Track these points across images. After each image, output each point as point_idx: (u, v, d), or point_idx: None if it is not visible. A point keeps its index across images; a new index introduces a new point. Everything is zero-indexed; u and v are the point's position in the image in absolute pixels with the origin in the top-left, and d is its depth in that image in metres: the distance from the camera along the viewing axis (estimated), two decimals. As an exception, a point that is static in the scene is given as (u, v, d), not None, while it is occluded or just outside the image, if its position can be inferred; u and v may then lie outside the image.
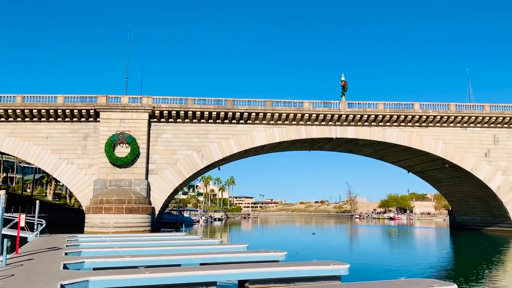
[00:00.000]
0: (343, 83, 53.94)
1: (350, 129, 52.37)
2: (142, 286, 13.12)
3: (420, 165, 61.12)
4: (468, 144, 53.50)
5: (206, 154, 49.39)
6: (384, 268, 20.81)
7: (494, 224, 56.51)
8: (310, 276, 14.66)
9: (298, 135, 51.61)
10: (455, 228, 65.48)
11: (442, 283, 11.83)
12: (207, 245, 23.70)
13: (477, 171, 52.90)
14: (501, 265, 24.33)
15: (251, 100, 50.65)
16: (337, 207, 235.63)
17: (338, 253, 28.17)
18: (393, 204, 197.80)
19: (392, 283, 11.71)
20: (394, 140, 52.83)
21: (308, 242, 41.60)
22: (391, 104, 52.55)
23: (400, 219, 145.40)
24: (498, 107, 54.14)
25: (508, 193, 53.15)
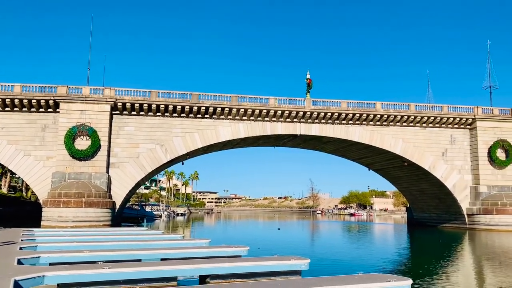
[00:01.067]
0: (308, 81, 54.58)
1: (314, 126, 53.07)
2: (101, 281, 12.84)
3: (380, 163, 62.78)
4: (426, 143, 55.36)
5: (169, 148, 48.82)
6: (343, 263, 21.28)
7: (449, 221, 58.85)
8: (271, 271, 14.79)
9: (263, 131, 51.84)
10: (412, 224, 67.72)
11: (398, 278, 12.20)
12: (169, 240, 23.46)
13: (434, 170, 54.84)
14: (453, 260, 25.37)
15: (217, 95, 50.42)
16: (300, 203, 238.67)
17: (300, 248, 28.56)
18: (354, 200, 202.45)
19: (350, 278, 11.98)
20: (356, 138, 53.98)
21: (271, 238, 41.94)
22: (354, 103, 53.62)
23: (360, 215, 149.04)
24: (455, 108, 56.27)
25: (463, 191, 55.44)
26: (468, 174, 55.85)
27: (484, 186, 54.23)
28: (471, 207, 54.75)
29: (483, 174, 54.58)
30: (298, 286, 10.73)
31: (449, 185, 55.14)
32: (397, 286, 11.41)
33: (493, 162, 54.46)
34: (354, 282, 11.23)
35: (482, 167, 54.66)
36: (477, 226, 53.20)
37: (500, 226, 51.27)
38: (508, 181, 54.73)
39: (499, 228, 51.00)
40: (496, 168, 54.76)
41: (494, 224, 51.77)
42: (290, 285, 10.84)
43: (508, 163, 54.67)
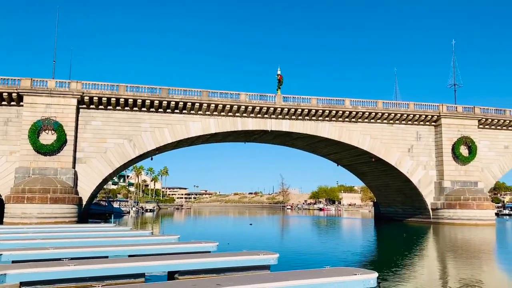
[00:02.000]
0: (279, 77, 54.80)
1: (284, 122, 53.40)
2: (66, 279, 12.55)
3: (348, 159, 63.84)
4: (393, 140, 56.63)
5: (138, 143, 48.11)
6: (311, 257, 21.56)
7: (415, 215, 60.50)
8: (240, 266, 14.84)
9: (234, 126, 51.75)
10: (379, 219, 69.26)
11: (364, 271, 12.46)
12: (137, 237, 23.15)
13: (400, 166, 56.19)
14: (418, 254, 26.12)
15: (187, 90, 49.97)
16: (270, 198, 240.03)
17: (269, 243, 28.75)
18: (323, 195, 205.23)
19: (317, 272, 12.16)
20: (326, 134, 54.66)
21: (241, 233, 42.02)
22: (324, 100, 54.24)
23: (329, 210, 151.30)
24: (421, 105, 57.77)
25: (428, 186, 57.07)
26: (433, 169, 57.52)
27: (448, 182, 55.99)
28: (435, 202, 56.46)
29: (447, 170, 56.35)
30: (266, 280, 10.80)
31: (414, 181, 56.63)
32: (363, 279, 11.65)
33: (457, 158, 56.28)
34: (321, 276, 11.40)
35: (446, 163, 56.41)
36: (441, 220, 54.92)
37: (462, 220, 53.09)
38: (470, 177, 56.70)
39: (462, 222, 52.81)
40: (459, 164, 56.60)
41: (457, 218, 53.57)
42: (258, 280, 10.89)
43: (471, 159, 56.62)
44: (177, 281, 12.24)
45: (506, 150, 60.52)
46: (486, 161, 59.06)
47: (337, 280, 11.27)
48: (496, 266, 22.33)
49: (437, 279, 17.49)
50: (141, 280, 13.75)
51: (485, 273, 19.21)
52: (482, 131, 59.20)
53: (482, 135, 59.00)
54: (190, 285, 10.28)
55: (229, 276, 13.36)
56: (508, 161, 60.69)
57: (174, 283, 11.14)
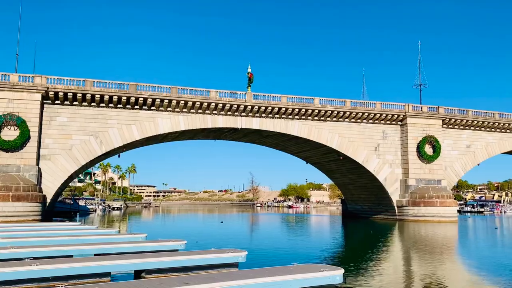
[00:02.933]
0: (250, 74, 54.84)
1: (255, 120, 53.49)
2: (28, 279, 12.18)
3: (317, 157, 64.60)
4: (360, 138, 57.68)
5: (105, 140, 47.15)
6: (280, 254, 21.72)
7: (381, 212, 61.87)
8: (208, 264, 14.81)
9: (203, 124, 51.46)
10: (346, 216, 70.45)
11: (331, 267, 12.67)
12: (103, 235, 22.72)
13: (367, 164, 57.30)
14: (383, 250, 26.73)
15: (155, 86, 49.30)
16: (240, 196, 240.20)
17: (238, 241, 28.77)
18: (292, 193, 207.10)
19: (285, 269, 12.26)
20: (295, 132, 55.11)
21: (210, 231, 41.88)
22: (294, 98, 54.66)
23: (298, 207, 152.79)
24: (388, 105, 59.05)
25: (393, 184, 58.45)
26: (399, 168, 58.94)
27: (413, 179, 57.52)
28: (400, 199, 57.89)
29: (412, 168, 57.86)
30: (233, 278, 10.81)
31: (381, 178, 57.89)
32: (330, 276, 11.84)
33: (422, 157, 57.87)
34: (288, 273, 11.51)
35: (412, 161, 57.92)
36: (406, 217, 56.36)
37: (426, 217, 54.67)
38: (434, 175, 58.43)
39: (425, 219, 54.37)
40: (424, 162, 58.23)
41: (421, 215, 55.13)
42: (226, 277, 10.89)
43: (435, 158, 58.34)
44: (143, 280, 12.08)
45: (468, 149, 62.68)
46: (449, 160, 60.99)
47: (304, 277, 11.41)
48: (457, 261, 23.12)
49: (401, 274, 17.95)
50: (106, 279, 13.52)
51: (447, 268, 19.86)
52: (446, 130, 61.11)
53: (445, 134, 60.90)
54: (157, 284, 10.16)
55: (197, 274, 13.30)
56: (470, 160, 62.89)
57: (140, 282, 10.99)
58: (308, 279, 11.49)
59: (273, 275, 11.19)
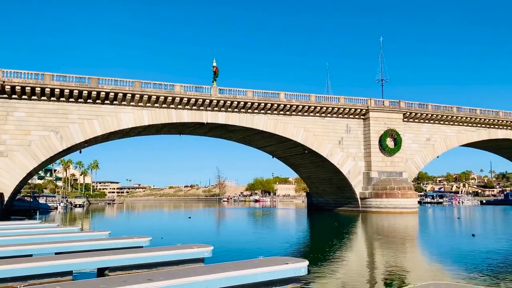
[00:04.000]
0: (215, 69, 54.50)
1: (221, 114, 53.28)
2: (-17, 281, 11.71)
3: (283, 151, 65.13)
4: (325, 132, 58.54)
5: (65, 136, 45.79)
6: (246, 249, 21.80)
7: (345, 204, 63.11)
8: (174, 260, 14.69)
9: (168, 118, 50.81)
10: (312, 208, 71.47)
11: (295, 260, 12.82)
12: (64, 233, 22.10)
13: (332, 157, 58.25)
14: (347, 241, 27.29)
15: (118, 80, 48.22)
16: (207, 191, 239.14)
17: (204, 236, 28.67)
18: (258, 187, 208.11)
19: (250, 262, 12.32)
20: (261, 126, 55.30)
21: (176, 227, 41.53)
22: (260, 93, 54.79)
23: (264, 201, 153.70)
24: (351, 99, 60.14)
25: (357, 177, 59.70)
26: (362, 161, 60.24)
27: (375, 172, 58.95)
28: (363, 191, 59.25)
29: (375, 161, 59.28)
30: (198, 273, 10.76)
31: (344, 171, 59.00)
32: (294, 268, 11.99)
33: (383, 150, 59.36)
34: (254, 266, 11.57)
35: (374, 154, 59.32)
36: (369, 209, 57.76)
37: (388, 209, 56.19)
38: (396, 167, 60.08)
39: (387, 210, 55.88)
40: (386, 155, 59.75)
41: (384, 207, 56.63)
42: (191, 273, 10.83)
43: (396, 151, 59.97)
44: (106, 278, 11.84)
45: (428, 142, 64.76)
46: (410, 153, 62.83)
47: (269, 270, 11.50)
48: (418, 250, 23.90)
49: (364, 264, 18.39)
50: (68, 278, 13.18)
51: (409, 257, 20.50)
52: (407, 124, 62.87)
53: (406, 128, 62.66)
54: (120, 281, 9.98)
55: (162, 270, 13.16)
56: (430, 152, 65.01)
57: (102, 280, 10.76)
58: (273, 272, 11.59)
59: (238, 269, 11.21)
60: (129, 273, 13.32)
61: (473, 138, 68.59)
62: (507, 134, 70.42)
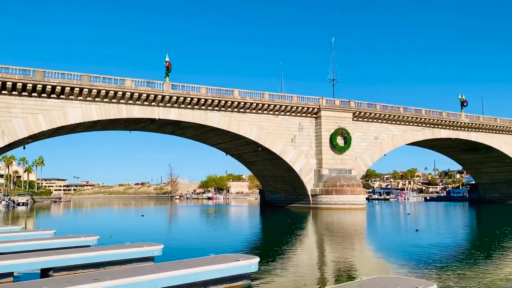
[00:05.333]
0: (167, 64, 53.58)
1: (173, 110, 52.51)
2: None
3: (237, 148, 65.21)
4: (278, 130, 59.17)
5: (8, 131, 43.51)
6: (197, 246, 21.63)
7: (297, 201, 64.12)
8: (122, 259, 14.32)
9: (118, 114, 49.46)
10: (264, 205, 72.08)
11: (247, 256, 12.87)
12: (6, 233, 21.05)
13: (284, 155, 58.99)
14: (298, 237, 27.72)
15: (65, 73, 46.37)
16: (158, 188, 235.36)
17: (155, 235, 28.17)
18: (212, 184, 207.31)
19: (201, 260, 12.24)
20: (215, 123, 55.04)
21: (126, 225, 40.58)
22: (214, 89, 54.49)
23: (217, 198, 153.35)
24: (303, 98, 61.12)
25: (308, 174, 60.81)
26: (313, 158, 61.41)
27: (326, 169, 60.28)
28: (315, 188, 60.45)
29: (326, 159, 60.61)
30: (147, 272, 10.55)
31: (297, 169, 59.93)
32: (245, 265, 12.02)
33: (334, 148, 60.80)
34: (205, 264, 11.49)
35: (325, 152, 60.64)
36: (319, 205, 59.00)
37: (338, 205, 57.66)
38: (345, 165, 61.71)
39: (337, 207, 57.33)
40: (336, 153, 61.22)
41: (334, 203, 58.04)
42: (140, 272, 10.60)
43: (346, 149, 61.60)
44: (50, 279, 11.35)
45: (376, 141, 66.96)
46: (359, 151, 64.73)
47: (220, 267, 11.46)
48: (365, 245, 24.68)
49: (315, 260, 18.75)
50: (9, 279, 12.52)
51: (357, 252, 21.12)
52: (356, 123, 64.69)
53: (356, 127, 64.47)
54: (64, 282, 9.58)
55: (110, 270, 12.79)
56: (378, 150, 67.27)
57: (45, 281, 10.30)
58: (224, 269, 11.57)
59: (189, 267, 11.10)
60: (75, 273, 12.84)
61: (418, 137, 71.64)
62: (449, 134, 74.10)
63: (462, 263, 16.78)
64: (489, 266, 15.77)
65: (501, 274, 14.47)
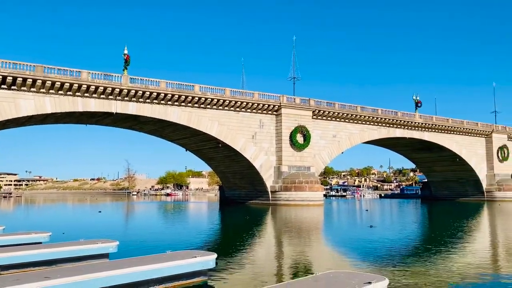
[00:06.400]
0: (126, 56, 52.38)
1: (131, 104, 51.42)
2: None
3: (197, 144, 64.74)
4: (239, 126, 59.19)
5: (-47, 122, 41.20)
6: (154, 243, 21.33)
7: (257, 197, 64.46)
8: (76, 257, 13.93)
9: (73, 107, 47.92)
10: (224, 202, 72.00)
11: (203, 253, 12.83)
12: (-51, 230, 19.94)
13: (245, 151, 59.12)
14: (256, 233, 27.91)
15: (17, 63, 44.42)
16: (115, 184, 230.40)
17: (110, 231, 27.54)
18: (171, 180, 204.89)
19: (157, 257, 12.09)
20: (175, 119, 54.36)
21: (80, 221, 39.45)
22: (174, 84, 53.78)
23: (176, 195, 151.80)
24: (265, 95, 61.43)
25: (268, 171, 61.25)
26: (273, 155, 61.91)
27: (285, 166, 60.93)
28: (274, 185, 60.99)
29: (285, 156, 61.25)
30: (100, 269, 10.32)
31: (257, 165, 60.22)
32: (202, 261, 11.98)
33: (294, 145, 61.54)
34: (161, 261, 11.36)
35: (285, 149, 61.27)
36: (279, 202, 59.59)
37: (297, 201, 58.45)
38: (304, 162, 62.60)
39: (296, 203, 58.10)
40: (296, 150, 61.98)
41: (292, 200, 58.79)
42: (93, 269, 10.34)
43: (306, 146, 62.49)
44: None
45: (334, 139, 68.30)
46: (318, 148, 65.82)
47: (176, 264, 11.37)
48: (322, 241, 25.15)
49: (272, 255, 18.93)
50: None
51: (313, 247, 21.49)
52: (316, 121, 65.71)
53: (315, 125, 65.48)
54: (12, 280, 9.21)
55: (62, 267, 12.41)
56: (336, 148, 68.64)
57: (-8, 280, 9.85)
58: (180, 266, 11.48)
59: (144, 264, 10.93)
60: (26, 271, 12.37)
61: (374, 136, 73.67)
62: (404, 133, 76.64)
63: (413, 258, 17.44)
64: (438, 261, 16.47)
65: (450, 269, 15.14)
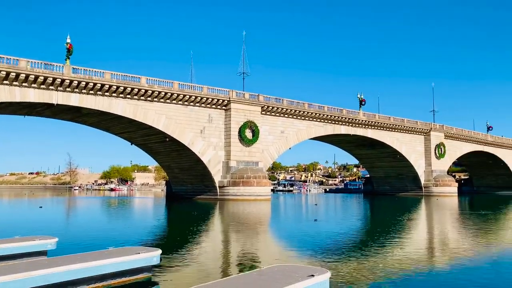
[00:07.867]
0: (69, 46, 50.15)
1: (74, 96, 49.36)
2: None
3: (143, 138, 63.30)
4: (187, 121, 58.49)
5: None
6: (96, 240, 20.65)
7: (204, 192, 64.11)
8: (10, 254, 13.19)
9: (11, 97, 45.32)
10: (171, 197, 71.00)
11: (148, 249, 12.55)
12: None
13: (193, 146, 58.53)
14: (203, 229, 27.72)
15: None
16: (55, 178, 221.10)
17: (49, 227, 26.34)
18: (115, 175, 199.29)
19: (99, 253, 11.70)
20: (120, 111, 52.80)
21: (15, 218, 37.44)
22: (119, 75, 52.20)
23: (120, 190, 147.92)
24: (214, 90, 61.03)
25: (217, 166, 61.05)
26: (222, 150, 61.77)
27: (234, 161, 61.01)
28: (222, 180, 60.89)
29: (234, 151, 61.31)
30: (39, 267, 9.83)
31: (205, 160, 59.83)
32: (146, 257, 11.73)
33: (242, 140, 61.71)
34: (103, 257, 11.01)
35: (234, 144, 61.31)
36: (227, 197, 59.60)
37: (245, 196, 58.73)
38: (253, 157, 62.97)
39: (244, 198, 58.38)
40: (244, 145, 62.20)
41: (240, 195, 59.00)
42: (30, 267, 9.83)
43: (254, 142, 62.86)
44: None
45: (282, 134, 69.20)
46: (266, 144, 66.41)
47: (119, 260, 11.05)
48: (268, 235, 25.44)
49: (218, 250, 18.89)
50: None
51: (260, 242, 21.68)
52: (264, 117, 66.22)
53: (264, 120, 65.99)
54: None
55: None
56: (283, 144, 69.58)
57: None
58: (123, 262, 11.18)
59: (85, 261, 10.54)
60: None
61: (320, 132, 75.40)
62: (348, 130, 79.00)
63: (355, 251, 18.04)
64: (378, 254, 17.15)
65: (389, 260, 15.80)
